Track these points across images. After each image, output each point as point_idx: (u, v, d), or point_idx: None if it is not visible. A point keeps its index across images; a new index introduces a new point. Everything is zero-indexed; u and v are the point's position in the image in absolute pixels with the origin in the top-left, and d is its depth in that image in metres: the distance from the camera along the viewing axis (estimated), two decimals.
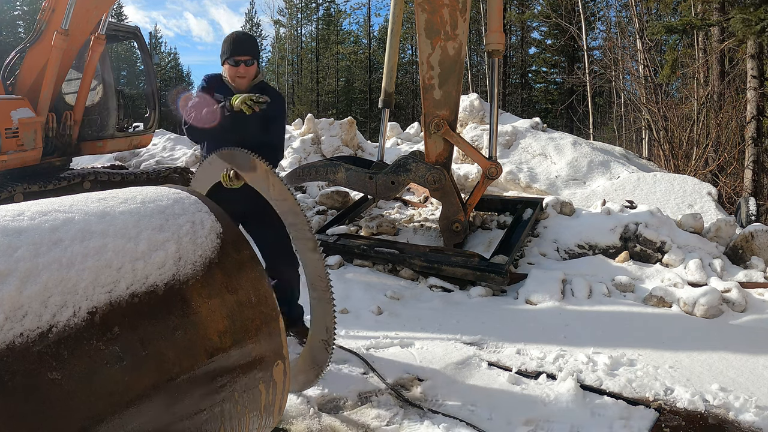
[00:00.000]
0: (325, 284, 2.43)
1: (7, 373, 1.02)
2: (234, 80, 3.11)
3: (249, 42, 3.17)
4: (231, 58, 3.08)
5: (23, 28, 32.61)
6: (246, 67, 3.09)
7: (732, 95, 12.74)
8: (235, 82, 3.12)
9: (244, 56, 3.08)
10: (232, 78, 3.12)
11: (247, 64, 3.09)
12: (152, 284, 1.34)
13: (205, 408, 1.38)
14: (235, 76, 3.10)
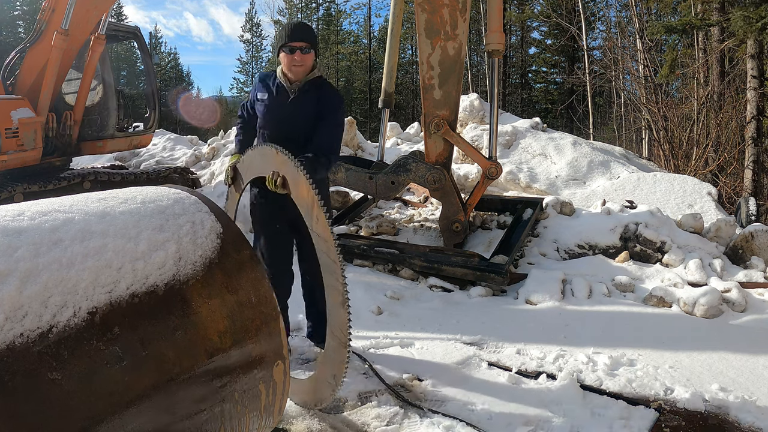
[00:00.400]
0: (345, 337, 2.38)
1: (7, 373, 1.02)
2: (290, 69, 2.88)
3: (307, 29, 2.95)
4: (286, 45, 2.85)
5: (23, 28, 32.61)
6: (302, 55, 2.84)
7: (732, 95, 12.74)
8: (291, 71, 2.88)
9: (300, 43, 2.84)
10: (287, 67, 2.89)
11: (303, 51, 2.84)
12: (152, 284, 1.34)
13: (205, 408, 1.38)
14: (290, 65, 2.86)
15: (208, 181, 8.28)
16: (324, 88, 2.94)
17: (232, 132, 9.95)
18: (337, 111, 2.91)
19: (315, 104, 2.88)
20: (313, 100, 2.89)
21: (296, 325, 3.75)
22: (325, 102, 2.87)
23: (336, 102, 2.93)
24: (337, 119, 2.90)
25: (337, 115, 2.90)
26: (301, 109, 2.89)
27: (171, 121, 31.80)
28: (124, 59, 36.22)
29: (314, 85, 2.92)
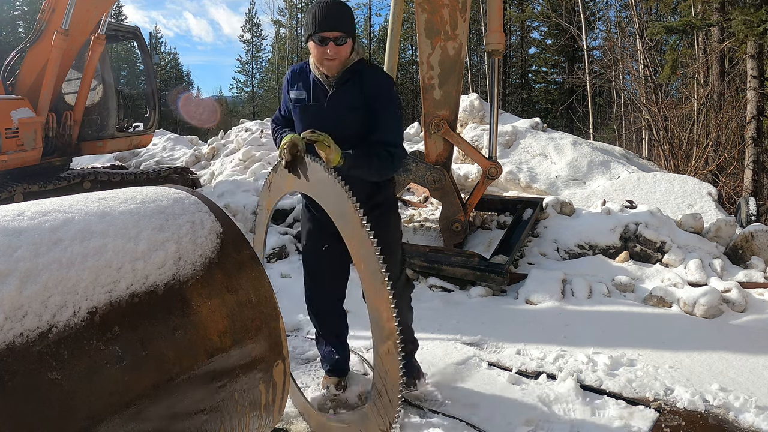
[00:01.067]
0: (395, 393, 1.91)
1: (7, 373, 1.02)
2: (321, 63, 2.35)
3: (341, 14, 2.33)
4: (316, 34, 2.30)
5: (23, 28, 32.60)
6: (336, 47, 2.29)
7: (732, 95, 12.75)
8: (323, 65, 2.36)
9: (333, 32, 2.28)
10: (318, 60, 2.35)
11: (337, 42, 2.29)
12: (152, 284, 1.34)
13: (205, 408, 1.38)
14: (321, 58, 2.33)
15: (208, 181, 8.28)
16: (366, 72, 2.41)
17: (232, 132, 9.96)
18: (390, 96, 2.41)
19: (360, 94, 2.37)
20: (357, 90, 2.38)
21: (296, 325, 3.75)
22: (373, 89, 2.37)
23: (386, 86, 2.42)
24: (392, 105, 2.40)
25: (391, 100, 2.41)
26: (344, 104, 2.39)
27: (171, 121, 31.80)
28: (124, 59, 36.21)
29: (355, 72, 2.39)
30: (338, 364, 2.87)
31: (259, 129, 9.38)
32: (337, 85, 2.40)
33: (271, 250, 5.15)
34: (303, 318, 3.79)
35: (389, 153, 2.31)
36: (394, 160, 2.34)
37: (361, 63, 2.43)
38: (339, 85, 2.40)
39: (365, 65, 2.45)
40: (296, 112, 2.51)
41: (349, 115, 2.40)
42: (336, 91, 2.41)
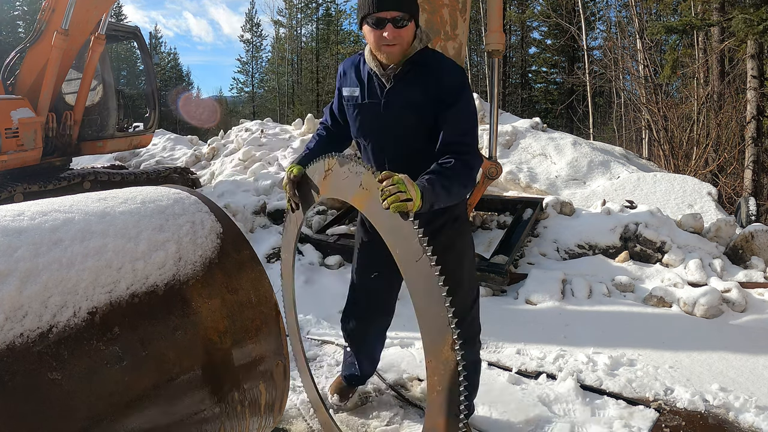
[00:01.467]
0: None
1: (7, 373, 1.02)
2: (379, 49, 1.96)
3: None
4: (371, 15, 1.92)
5: (23, 28, 32.60)
6: (396, 30, 1.91)
7: (732, 95, 12.75)
8: (381, 52, 1.96)
9: (391, 12, 1.91)
10: (375, 46, 1.97)
11: (397, 24, 1.91)
12: (152, 284, 1.34)
13: (205, 408, 1.38)
14: (379, 44, 1.94)
15: (208, 181, 8.28)
16: (432, 63, 2.02)
17: (232, 132, 9.96)
18: (462, 91, 1.97)
19: (424, 90, 1.98)
20: (420, 84, 1.99)
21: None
22: (441, 82, 1.96)
23: (457, 79, 1.99)
24: (464, 101, 1.96)
25: (463, 95, 1.97)
26: (405, 102, 2.00)
27: (171, 121, 31.80)
28: (124, 59, 36.22)
29: (418, 62, 2.01)
30: (356, 379, 2.66)
31: (259, 129, 9.37)
32: (397, 79, 2.00)
33: (271, 250, 5.15)
34: (303, 318, 3.79)
35: (463, 163, 1.85)
36: (471, 169, 1.88)
37: (426, 52, 2.02)
38: (398, 78, 2.00)
39: (432, 54, 2.04)
40: (350, 113, 2.15)
41: (411, 115, 2.00)
42: (395, 86, 2.01)
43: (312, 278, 4.74)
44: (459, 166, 1.84)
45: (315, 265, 4.97)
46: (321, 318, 3.84)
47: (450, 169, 1.82)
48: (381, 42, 1.94)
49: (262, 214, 6.10)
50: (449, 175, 1.80)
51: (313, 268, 4.92)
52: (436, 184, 1.74)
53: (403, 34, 1.94)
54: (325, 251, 5.18)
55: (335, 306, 4.17)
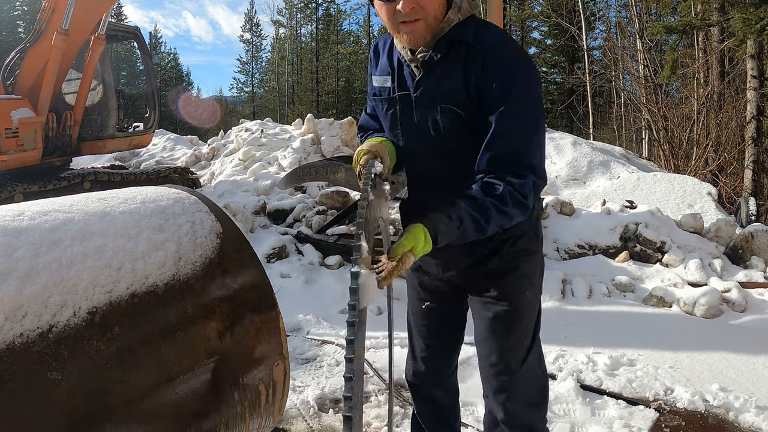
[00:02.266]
0: None
1: (7, 373, 1.02)
2: (397, 29, 1.43)
3: None
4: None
5: (23, 28, 32.61)
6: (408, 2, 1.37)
7: (732, 95, 12.76)
8: (401, 33, 1.43)
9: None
10: (391, 26, 1.45)
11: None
12: (152, 284, 1.34)
13: (205, 408, 1.38)
14: (395, 22, 1.42)
15: (208, 181, 8.28)
16: (478, 41, 1.42)
17: (232, 132, 9.96)
18: (517, 84, 1.38)
19: (465, 78, 1.42)
20: (460, 70, 1.43)
21: (296, 325, 3.75)
22: (487, 70, 1.39)
23: (510, 65, 1.39)
24: (521, 101, 1.38)
25: (520, 91, 1.38)
26: (440, 94, 1.46)
27: (171, 121, 31.81)
28: (124, 59, 36.23)
29: (457, 41, 1.43)
30: None
31: (259, 129, 9.38)
32: (427, 66, 1.46)
33: (271, 250, 5.15)
34: (303, 318, 3.80)
35: (512, 190, 1.34)
36: (522, 198, 1.35)
37: (469, 27, 1.44)
38: (430, 65, 1.46)
39: (477, 29, 1.44)
40: (381, 110, 1.64)
41: (449, 113, 1.46)
42: (426, 75, 1.48)
43: (312, 278, 4.74)
44: (504, 194, 1.33)
45: (315, 265, 4.97)
46: (321, 318, 3.84)
47: (490, 198, 1.33)
48: (396, 19, 1.40)
49: (262, 214, 6.11)
50: (486, 207, 1.32)
51: (313, 268, 4.92)
52: (465, 217, 1.30)
53: (426, 3, 1.37)
54: (325, 251, 5.18)
55: (335, 306, 4.17)
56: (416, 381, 1.88)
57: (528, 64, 1.45)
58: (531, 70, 1.44)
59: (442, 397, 1.88)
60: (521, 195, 1.36)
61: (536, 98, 1.43)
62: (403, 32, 1.43)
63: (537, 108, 1.43)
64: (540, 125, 1.44)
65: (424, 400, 1.90)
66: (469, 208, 1.33)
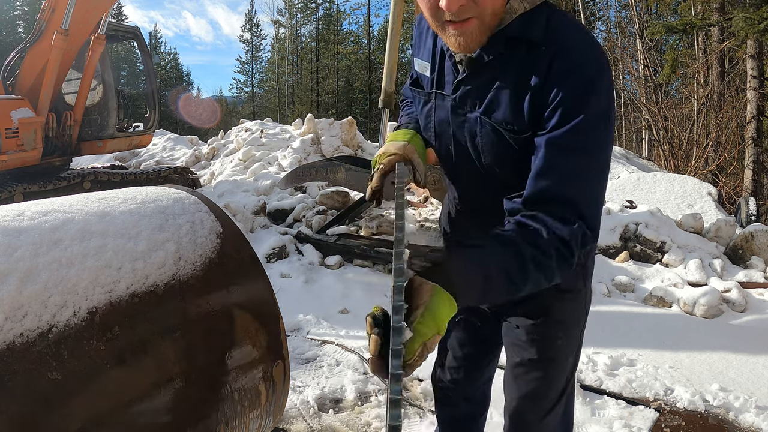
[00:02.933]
0: None
1: (7, 373, 1.02)
2: (443, 30, 1.11)
3: None
4: None
5: (23, 28, 32.61)
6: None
7: (732, 95, 12.77)
8: (448, 35, 1.11)
9: None
10: (436, 26, 1.12)
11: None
12: (152, 284, 1.34)
13: (204, 408, 1.38)
14: (439, 21, 1.09)
15: (208, 181, 8.28)
16: (545, 42, 1.09)
17: (232, 132, 9.96)
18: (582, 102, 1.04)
19: (522, 89, 1.11)
20: (517, 78, 1.12)
21: (296, 325, 3.75)
22: (555, 81, 1.06)
23: (587, 82, 1.05)
24: (582, 124, 1.04)
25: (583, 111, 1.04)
26: (485, 105, 1.18)
27: (171, 121, 31.82)
28: (124, 59, 36.24)
29: (519, 39, 1.11)
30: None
31: (259, 129, 9.38)
32: (473, 66, 1.17)
33: (271, 250, 5.15)
34: (303, 318, 3.80)
35: (552, 235, 1.01)
36: (570, 252, 1.02)
37: (539, 15, 1.10)
38: (477, 65, 1.16)
39: (549, 19, 1.11)
40: (416, 103, 1.39)
41: (488, 132, 1.19)
42: (469, 76, 1.19)
43: (312, 278, 4.74)
44: (548, 245, 1.00)
45: (315, 265, 4.97)
46: (321, 318, 3.84)
47: (531, 247, 0.99)
48: (440, 17, 1.07)
49: (262, 214, 6.11)
50: (524, 257, 0.98)
51: (313, 268, 4.92)
52: (493, 270, 0.95)
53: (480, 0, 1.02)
54: (325, 251, 5.18)
55: (335, 306, 4.17)
56: (440, 386, 1.77)
57: (608, 81, 1.07)
58: (609, 89, 1.08)
59: (465, 406, 1.77)
60: (566, 248, 1.00)
61: (608, 128, 1.07)
62: (450, 34, 1.09)
63: (606, 141, 1.07)
64: (605, 165, 1.09)
65: (445, 404, 1.81)
66: (501, 255, 0.97)
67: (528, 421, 1.46)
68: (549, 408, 1.44)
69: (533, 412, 1.45)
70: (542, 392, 1.43)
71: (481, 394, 1.78)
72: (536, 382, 1.42)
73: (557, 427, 1.50)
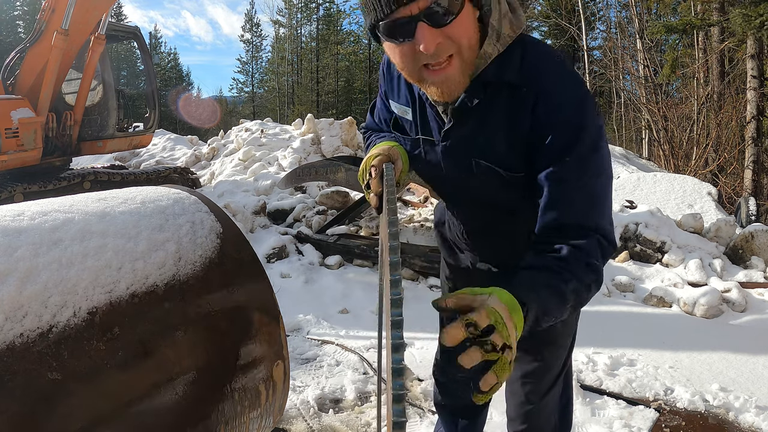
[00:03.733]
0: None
1: (7, 373, 1.02)
2: (420, 80, 1.10)
3: None
4: (385, 21, 1.01)
5: (23, 28, 32.61)
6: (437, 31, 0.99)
7: (732, 95, 12.77)
8: (427, 84, 1.10)
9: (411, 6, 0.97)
10: (411, 75, 1.11)
11: (434, 19, 0.98)
12: (152, 284, 1.34)
13: (204, 408, 1.38)
14: (414, 68, 1.07)
15: (208, 181, 8.28)
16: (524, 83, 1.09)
17: (232, 132, 9.96)
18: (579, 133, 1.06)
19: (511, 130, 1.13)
20: (504, 120, 1.14)
21: (296, 325, 3.75)
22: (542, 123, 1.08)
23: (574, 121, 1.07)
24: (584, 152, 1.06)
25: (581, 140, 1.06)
26: (477, 150, 1.20)
27: (171, 121, 31.82)
28: (124, 59, 36.23)
29: (497, 83, 1.11)
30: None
31: (259, 129, 9.38)
32: (459, 115, 1.17)
33: (271, 250, 5.15)
34: (303, 318, 3.80)
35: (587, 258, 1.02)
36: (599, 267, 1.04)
37: (513, 56, 1.09)
38: (462, 114, 1.16)
39: (523, 61, 1.10)
40: (402, 142, 1.37)
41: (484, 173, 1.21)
42: (456, 125, 1.20)
43: (312, 278, 4.74)
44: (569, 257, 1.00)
45: (315, 265, 4.97)
46: (321, 318, 3.84)
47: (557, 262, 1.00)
48: (418, 63, 1.04)
49: (262, 214, 6.11)
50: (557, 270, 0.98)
51: (313, 268, 4.92)
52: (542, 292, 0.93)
53: (456, 31, 1.00)
54: (325, 251, 5.18)
55: (335, 306, 4.17)
56: (442, 378, 1.86)
57: (591, 108, 1.07)
58: (595, 115, 1.08)
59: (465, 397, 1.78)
60: (589, 256, 1.02)
61: (603, 148, 1.08)
62: (431, 83, 1.05)
63: (605, 168, 1.08)
64: (608, 190, 1.10)
65: (445, 396, 1.88)
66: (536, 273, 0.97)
67: (528, 400, 1.53)
68: (548, 388, 1.52)
69: (533, 392, 1.52)
70: (541, 373, 1.50)
71: None
72: (536, 363, 1.48)
73: (556, 406, 1.57)
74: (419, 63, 1.04)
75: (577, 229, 1.04)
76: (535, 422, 1.56)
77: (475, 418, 1.88)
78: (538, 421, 1.56)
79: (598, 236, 1.05)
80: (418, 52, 1.02)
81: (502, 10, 1.09)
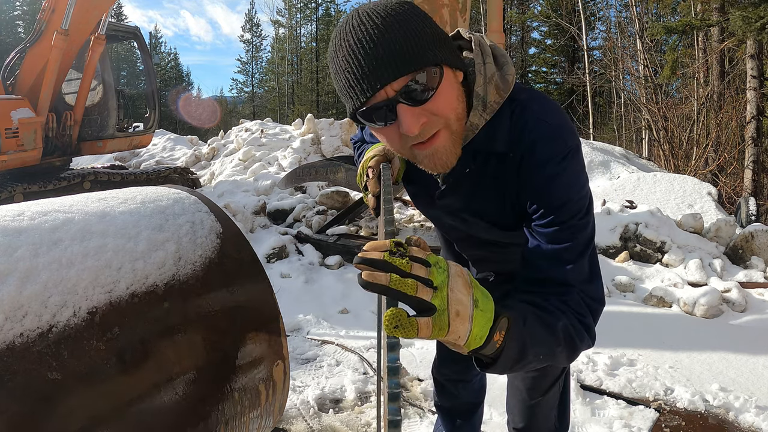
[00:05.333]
0: None
1: (7, 373, 1.02)
2: (411, 155, 1.07)
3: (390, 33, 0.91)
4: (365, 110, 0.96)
5: (23, 28, 32.62)
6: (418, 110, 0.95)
7: (732, 95, 12.78)
8: (419, 162, 1.08)
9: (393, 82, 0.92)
10: (401, 150, 1.06)
11: (415, 97, 0.94)
12: (152, 284, 1.34)
13: (204, 408, 1.38)
14: (405, 146, 1.03)
15: (208, 181, 8.28)
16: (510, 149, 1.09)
17: (232, 132, 9.97)
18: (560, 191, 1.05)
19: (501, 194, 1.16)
20: (491, 185, 1.16)
21: (296, 325, 3.75)
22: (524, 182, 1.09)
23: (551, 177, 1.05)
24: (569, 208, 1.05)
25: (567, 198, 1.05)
26: (471, 212, 1.24)
27: (171, 121, 31.82)
28: (124, 59, 36.23)
29: (485, 152, 1.12)
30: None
31: (259, 129, 9.38)
32: (451, 182, 1.20)
33: (271, 250, 5.16)
34: (303, 318, 3.80)
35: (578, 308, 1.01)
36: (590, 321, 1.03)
37: (500, 124, 1.09)
38: (453, 180, 1.19)
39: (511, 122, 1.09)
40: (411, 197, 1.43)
41: (481, 226, 1.25)
42: (449, 189, 1.22)
43: (312, 278, 4.74)
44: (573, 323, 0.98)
45: (315, 265, 4.97)
46: (321, 318, 3.84)
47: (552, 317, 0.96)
48: (404, 144, 1.02)
49: (262, 214, 6.11)
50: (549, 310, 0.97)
51: (313, 268, 4.92)
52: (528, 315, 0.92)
53: (439, 109, 0.98)
54: (325, 251, 5.18)
55: (335, 306, 4.17)
56: (438, 377, 1.94)
57: (574, 155, 1.06)
58: (577, 160, 1.08)
59: (464, 396, 1.93)
60: (578, 311, 1.01)
61: (584, 205, 1.07)
62: (423, 157, 1.04)
63: (585, 220, 1.07)
64: (590, 240, 1.08)
65: (444, 395, 1.95)
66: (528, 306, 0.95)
67: (529, 398, 1.59)
68: (548, 386, 1.57)
69: (534, 389, 1.57)
70: (542, 370, 1.51)
71: (478, 383, 1.95)
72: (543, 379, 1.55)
73: (555, 405, 1.62)
74: (407, 143, 1.02)
75: (567, 286, 1.03)
76: (534, 419, 1.62)
77: (469, 418, 1.96)
78: (538, 418, 1.62)
79: (583, 295, 1.03)
80: (403, 138, 1.00)
81: (487, 74, 1.06)
